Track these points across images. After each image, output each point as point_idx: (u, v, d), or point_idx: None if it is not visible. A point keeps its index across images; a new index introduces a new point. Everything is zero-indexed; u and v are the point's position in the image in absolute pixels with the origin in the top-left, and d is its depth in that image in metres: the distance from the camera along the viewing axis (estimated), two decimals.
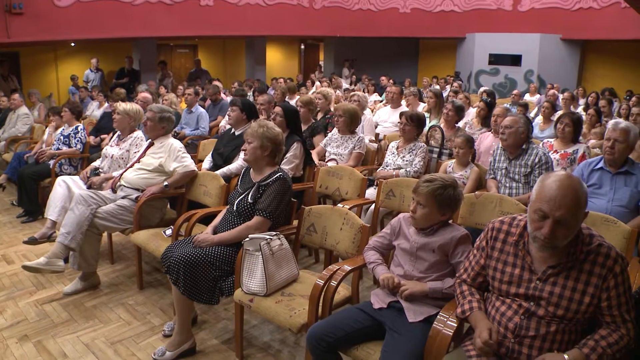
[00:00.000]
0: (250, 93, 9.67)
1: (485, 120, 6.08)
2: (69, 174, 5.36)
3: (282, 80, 12.51)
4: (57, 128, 6.27)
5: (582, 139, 5.77)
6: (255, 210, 3.21)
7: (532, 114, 8.84)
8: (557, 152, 4.63)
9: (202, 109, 7.51)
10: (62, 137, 5.96)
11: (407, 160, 4.66)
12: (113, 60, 14.49)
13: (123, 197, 4.08)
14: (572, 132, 4.64)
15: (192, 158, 4.29)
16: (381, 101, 9.92)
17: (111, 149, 4.70)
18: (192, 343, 3.19)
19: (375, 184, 4.51)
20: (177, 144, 4.20)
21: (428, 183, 2.52)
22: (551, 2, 14.87)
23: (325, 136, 5.43)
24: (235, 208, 3.28)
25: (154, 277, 4.29)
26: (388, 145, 4.99)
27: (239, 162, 4.52)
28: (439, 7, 16.17)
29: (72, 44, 14.51)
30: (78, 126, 6.01)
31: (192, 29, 12.90)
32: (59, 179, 4.54)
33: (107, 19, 11.11)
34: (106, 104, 8.61)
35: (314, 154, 5.13)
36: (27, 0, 9.86)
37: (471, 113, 6.99)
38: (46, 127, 6.70)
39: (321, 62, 19.54)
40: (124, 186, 4.15)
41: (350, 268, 2.76)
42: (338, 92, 10.68)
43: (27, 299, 3.89)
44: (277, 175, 3.26)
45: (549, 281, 2.02)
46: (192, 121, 7.34)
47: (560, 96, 9.49)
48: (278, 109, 4.69)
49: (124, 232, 4.09)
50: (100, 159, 4.81)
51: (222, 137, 5.08)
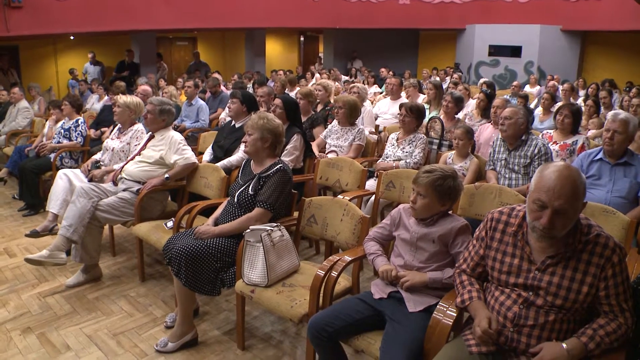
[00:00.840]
0: (250, 85, 9.67)
1: (485, 111, 6.08)
2: (70, 167, 5.36)
3: (281, 72, 12.50)
4: (57, 121, 6.27)
5: (582, 129, 5.78)
6: (256, 202, 3.22)
7: (532, 105, 8.83)
8: (557, 143, 4.64)
9: (202, 102, 7.52)
10: (62, 131, 5.97)
11: (407, 152, 4.67)
12: (112, 53, 14.45)
13: (124, 190, 4.10)
14: (572, 124, 4.65)
15: (192, 150, 4.30)
16: (381, 93, 9.91)
17: (112, 141, 4.71)
18: (194, 334, 3.22)
19: (375, 175, 4.52)
20: (178, 137, 4.21)
21: (428, 174, 2.52)
22: None
23: (325, 128, 5.44)
24: (236, 200, 3.29)
25: (156, 269, 4.32)
26: (388, 137, 5.00)
27: (239, 154, 4.53)
28: None
29: (72, 37, 14.47)
30: (78, 119, 6.02)
31: (191, 22, 12.87)
32: (60, 172, 4.55)
33: (106, 12, 11.09)
34: (106, 97, 8.61)
35: (314, 146, 5.13)
36: None
37: (471, 104, 6.99)
38: (46, 121, 6.70)
39: (321, 54, 19.51)
40: (125, 179, 4.16)
41: (350, 259, 2.78)
42: (337, 83, 10.68)
43: (30, 292, 3.91)
44: (278, 166, 3.27)
45: (547, 271, 2.03)
46: (192, 114, 7.34)
47: (560, 87, 9.48)
48: (278, 101, 4.70)
49: (126, 224, 4.10)
50: (101, 152, 4.82)
51: (222, 130, 5.09)
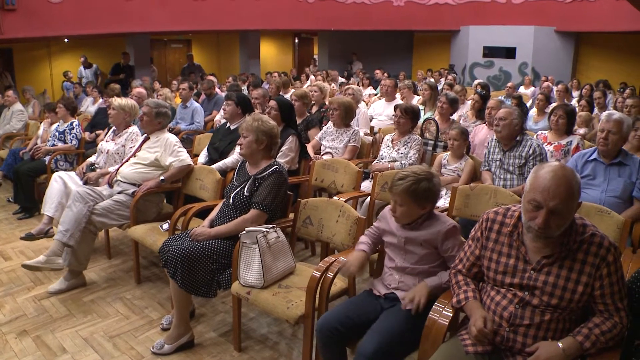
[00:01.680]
0: (244, 87, 9.67)
1: (479, 112, 6.10)
2: (65, 170, 5.35)
3: (276, 74, 12.50)
4: (52, 124, 6.26)
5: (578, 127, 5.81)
6: (252, 203, 3.22)
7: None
8: (551, 144, 4.66)
9: (197, 104, 7.51)
10: (57, 134, 5.95)
11: (402, 153, 4.67)
12: (106, 56, 14.42)
13: (119, 192, 4.09)
14: (566, 124, 4.68)
15: (187, 153, 4.30)
16: (376, 94, 9.92)
17: (107, 144, 4.70)
18: (190, 336, 3.21)
19: (370, 176, 4.53)
20: (173, 139, 4.21)
21: (401, 181, 2.44)
22: None
23: (320, 130, 5.44)
24: (231, 201, 3.29)
25: (151, 271, 4.31)
26: (383, 138, 5.01)
27: (234, 156, 4.53)
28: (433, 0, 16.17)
29: (66, 40, 14.44)
30: (73, 122, 6.00)
31: (186, 24, 12.87)
32: (55, 175, 4.54)
33: (100, 15, 11.07)
34: (100, 100, 8.59)
35: (310, 148, 5.14)
36: None
37: (466, 106, 7.01)
38: (41, 123, 6.68)
39: (315, 56, 19.52)
40: (121, 181, 4.15)
41: (346, 260, 2.78)
42: (334, 85, 10.69)
43: (25, 295, 3.89)
44: (273, 168, 3.28)
45: (543, 271, 2.04)
46: (187, 116, 7.33)
47: (555, 88, 9.51)
48: (273, 103, 4.70)
49: (121, 227, 4.10)
50: (96, 154, 4.81)
51: (217, 132, 5.09)
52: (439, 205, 3.98)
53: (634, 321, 2.07)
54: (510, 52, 15.29)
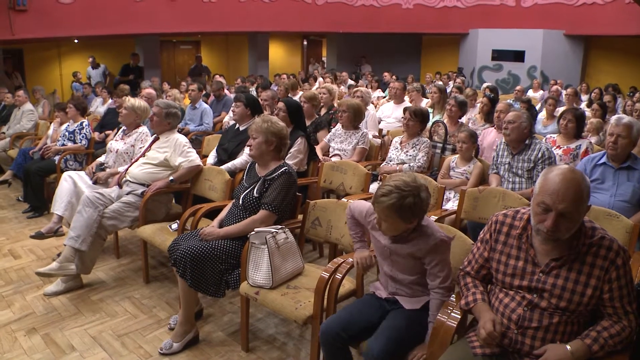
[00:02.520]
0: (253, 89, 9.69)
1: (488, 116, 6.10)
2: (75, 170, 5.38)
3: (285, 76, 12.53)
4: (61, 124, 6.30)
5: (589, 134, 5.79)
6: (261, 204, 3.24)
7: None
8: (560, 148, 4.65)
9: (205, 105, 7.52)
10: (67, 133, 6.00)
11: (410, 156, 4.68)
12: (116, 57, 14.51)
13: (129, 193, 4.11)
14: (575, 128, 4.67)
15: (196, 153, 4.31)
16: (384, 97, 9.93)
17: (116, 143, 4.73)
18: (195, 332, 3.25)
19: (378, 178, 4.54)
20: (183, 139, 4.23)
21: (384, 197, 2.27)
22: None
23: (329, 132, 5.45)
24: (241, 202, 3.31)
25: (160, 271, 4.33)
26: (391, 141, 5.02)
27: (243, 157, 4.54)
28: (442, 2, 16.14)
29: (76, 41, 14.54)
30: (83, 122, 6.04)
31: (195, 25, 12.91)
32: (65, 174, 4.56)
33: (110, 16, 11.14)
34: (110, 100, 8.64)
35: (318, 150, 5.15)
36: None
37: (475, 109, 7.00)
38: (51, 123, 6.73)
39: (324, 58, 19.54)
40: (130, 181, 4.18)
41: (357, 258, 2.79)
42: (342, 87, 10.69)
43: (35, 293, 3.92)
44: (283, 169, 3.29)
45: (551, 273, 2.04)
46: (196, 117, 7.35)
47: (564, 92, 9.48)
48: (281, 105, 4.72)
49: (131, 226, 4.12)
50: (105, 153, 4.83)
51: (226, 133, 5.11)
52: (448, 208, 3.98)
53: None
54: (519, 56, 15.24)
